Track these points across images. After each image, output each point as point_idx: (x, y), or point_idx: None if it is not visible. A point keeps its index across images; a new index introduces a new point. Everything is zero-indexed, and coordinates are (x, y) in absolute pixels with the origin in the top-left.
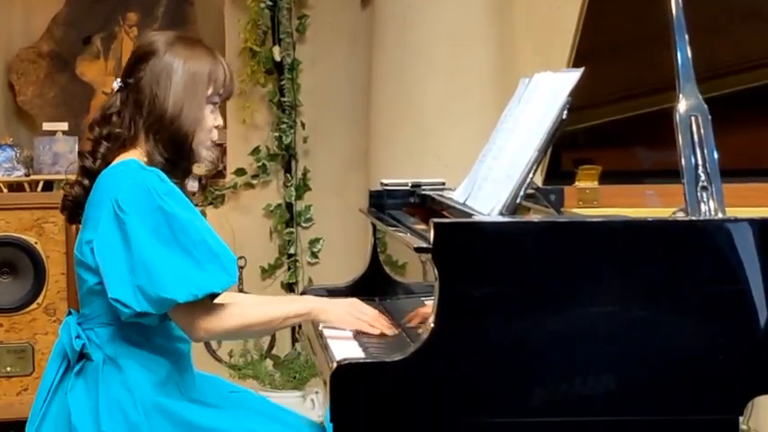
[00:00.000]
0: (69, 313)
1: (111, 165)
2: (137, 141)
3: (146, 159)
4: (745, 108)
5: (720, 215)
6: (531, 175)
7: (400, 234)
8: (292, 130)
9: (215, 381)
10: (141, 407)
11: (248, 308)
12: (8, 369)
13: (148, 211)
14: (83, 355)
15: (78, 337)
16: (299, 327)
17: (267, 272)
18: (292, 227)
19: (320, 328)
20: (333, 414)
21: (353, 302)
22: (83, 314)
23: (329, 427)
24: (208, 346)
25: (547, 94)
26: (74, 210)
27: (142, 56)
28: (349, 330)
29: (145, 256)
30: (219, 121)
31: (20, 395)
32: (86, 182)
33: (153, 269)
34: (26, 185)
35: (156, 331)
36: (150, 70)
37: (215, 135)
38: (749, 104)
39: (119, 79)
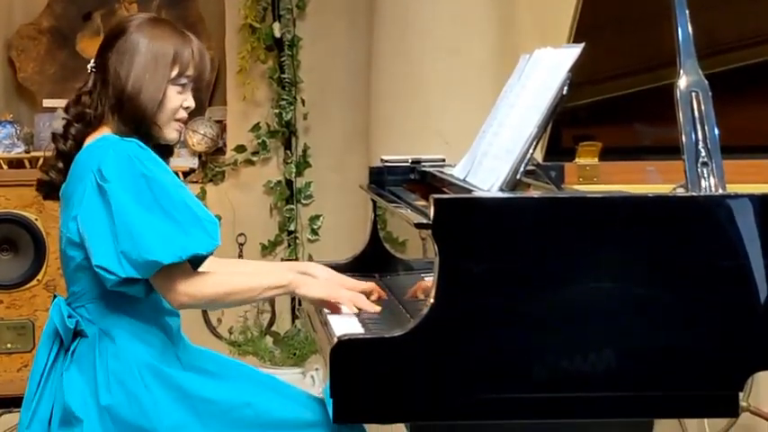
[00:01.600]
0: (54, 297)
1: (87, 144)
2: (104, 120)
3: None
4: (745, 85)
5: (721, 191)
6: (531, 151)
7: (400, 210)
8: (292, 107)
9: (211, 354)
10: (140, 376)
11: (229, 276)
12: (8, 345)
13: (130, 178)
14: (77, 334)
15: (70, 316)
16: (299, 303)
17: (267, 248)
18: (292, 204)
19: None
20: (333, 389)
21: (335, 278)
22: (72, 293)
23: (329, 402)
24: (208, 322)
25: (547, 69)
26: (48, 192)
27: (112, 37)
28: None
29: (128, 221)
30: (189, 103)
31: (20, 371)
32: (60, 164)
33: (136, 234)
34: (26, 162)
35: (146, 304)
36: (117, 50)
37: (181, 115)
38: (750, 81)
39: (92, 60)
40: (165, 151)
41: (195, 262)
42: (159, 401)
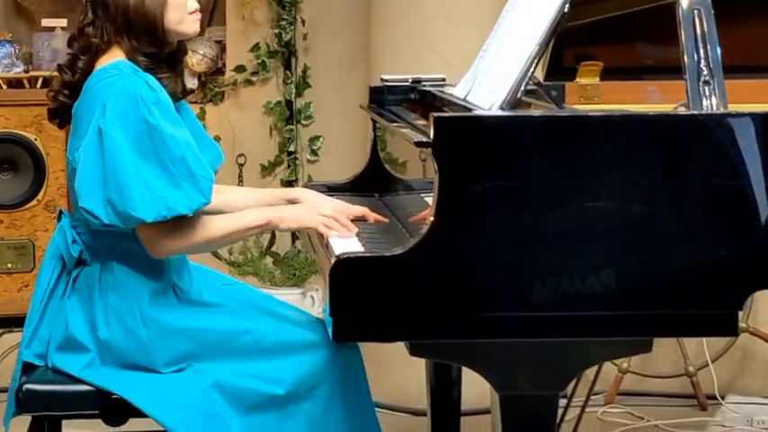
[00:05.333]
0: (60, 213)
1: (99, 67)
2: (112, 47)
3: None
4: (748, 3)
5: (722, 110)
6: (532, 70)
7: (401, 129)
8: (292, 27)
9: (209, 274)
10: (138, 313)
11: (210, 224)
12: (9, 265)
13: (132, 121)
14: (80, 261)
15: (75, 242)
16: None
17: (267, 169)
18: (292, 124)
19: None
20: (332, 308)
21: (313, 204)
22: (77, 218)
23: (328, 321)
24: None
25: None
26: (62, 118)
27: None
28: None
29: (119, 167)
30: None
31: (21, 291)
32: (66, 92)
33: (125, 184)
34: (25, 82)
35: None
36: None
37: (192, 5)
38: (753, 0)
39: None
40: (172, 64)
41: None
42: (156, 339)
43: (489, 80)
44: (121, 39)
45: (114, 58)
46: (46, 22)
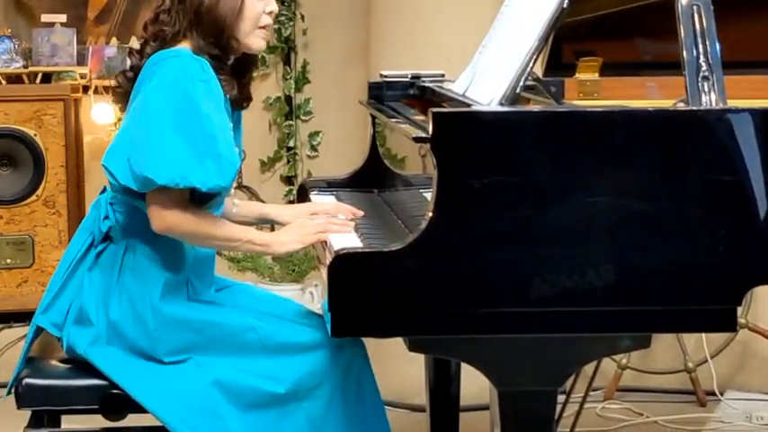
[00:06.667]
0: (104, 190)
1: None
2: (181, 38)
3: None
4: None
5: (721, 105)
6: (531, 65)
7: (399, 125)
8: (292, 23)
9: (223, 282)
10: (149, 304)
11: (218, 220)
12: (8, 261)
13: (174, 90)
14: (108, 237)
15: (107, 217)
16: None
17: (266, 165)
18: (291, 120)
19: None
20: (331, 303)
21: (299, 223)
22: (115, 195)
23: (327, 316)
24: None
25: None
26: (124, 100)
27: None
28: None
29: (149, 129)
30: (272, 7)
31: (20, 287)
32: (130, 73)
33: (149, 145)
34: (25, 77)
35: None
36: None
37: (265, 21)
38: None
39: None
40: (245, 70)
41: (204, 199)
42: (161, 328)
43: (488, 76)
44: (190, 34)
45: (180, 46)
46: (45, 18)
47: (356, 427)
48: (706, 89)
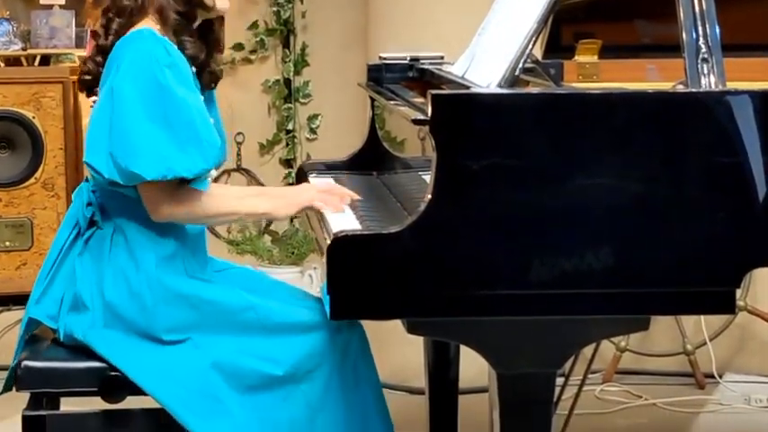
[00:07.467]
0: (86, 180)
1: (125, 36)
2: (146, 9)
3: (159, 27)
4: None
5: (721, 87)
6: (530, 47)
7: (399, 107)
8: (291, 5)
9: (220, 264)
10: (145, 278)
11: (215, 198)
12: (7, 243)
13: (144, 80)
14: (93, 223)
15: (90, 204)
16: None
17: (265, 148)
18: (290, 103)
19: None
20: (330, 286)
21: (300, 188)
22: (97, 182)
23: (326, 299)
24: None
25: None
26: (90, 86)
27: None
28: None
29: (126, 124)
30: None
31: (19, 269)
32: (99, 58)
33: (130, 139)
34: (23, 60)
35: None
36: None
37: None
38: None
39: None
40: (209, 36)
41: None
42: (160, 303)
43: (487, 58)
44: (155, 4)
45: (143, 26)
46: (44, 0)
47: (354, 410)
48: (705, 71)
